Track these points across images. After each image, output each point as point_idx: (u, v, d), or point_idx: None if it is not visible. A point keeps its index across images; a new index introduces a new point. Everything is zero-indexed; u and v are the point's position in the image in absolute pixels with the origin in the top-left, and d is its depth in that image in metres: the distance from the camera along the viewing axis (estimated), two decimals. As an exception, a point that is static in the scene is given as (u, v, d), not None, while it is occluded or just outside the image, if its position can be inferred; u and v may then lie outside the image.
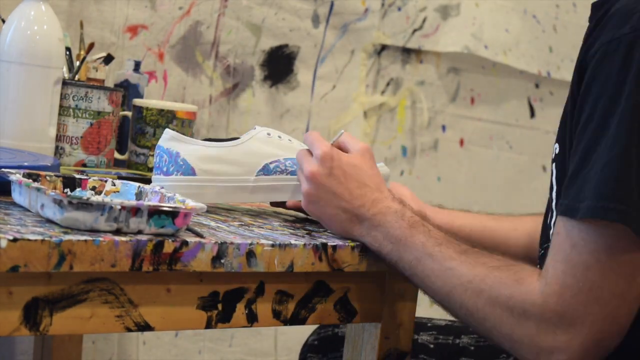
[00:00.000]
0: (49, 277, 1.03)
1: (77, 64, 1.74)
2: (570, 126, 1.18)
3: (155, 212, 1.10)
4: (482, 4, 2.45)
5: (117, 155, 1.72)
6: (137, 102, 1.71)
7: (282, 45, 2.21)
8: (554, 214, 1.24)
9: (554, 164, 1.25)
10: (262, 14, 2.16)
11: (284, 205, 1.42)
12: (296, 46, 2.22)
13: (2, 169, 1.20)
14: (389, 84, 2.38)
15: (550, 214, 1.26)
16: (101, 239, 1.04)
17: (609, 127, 1.08)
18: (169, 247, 1.09)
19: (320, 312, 1.25)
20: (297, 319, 1.24)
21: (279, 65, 2.21)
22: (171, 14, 2.06)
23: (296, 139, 1.40)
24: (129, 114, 1.72)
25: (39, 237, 1.00)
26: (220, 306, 1.17)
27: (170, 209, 1.11)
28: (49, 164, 1.33)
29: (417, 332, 1.49)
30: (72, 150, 1.61)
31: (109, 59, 1.81)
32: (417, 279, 1.22)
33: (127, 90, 1.80)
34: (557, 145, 1.24)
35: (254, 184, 1.35)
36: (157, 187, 1.24)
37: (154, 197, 1.21)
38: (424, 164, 2.45)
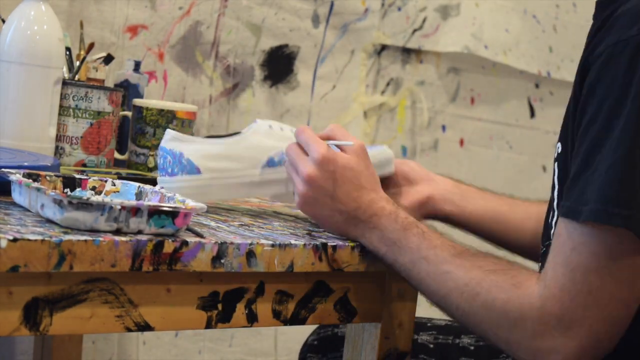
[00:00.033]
0: (49, 277, 1.03)
1: (77, 64, 1.74)
2: (572, 127, 1.17)
3: (155, 212, 1.10)
4: (482, 4, 2.45)
5: (117, 155, 1.72)
6: (137, 102, 1.71)
7: (282, 45, 2.21)
8: (555, 213, 1.24)
9: (556, 163, 1.24)
10: (262, 14, 2.16)
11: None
12: (296, 46, 2.22)
13: (2, 169, 1.20)
14: (389, 84, 2.38)
15: (551, 213, 1.26)
16: (101, 239, 1.04)
17: (614, 129, 1.08)
18: (169, 247, 1.09)
19: (320, 312, 1.25)
20: (297, 319, 1.24)
21: (279, 65, 2.21)
22: (171, 14, 2.05)
23: None
24: (129, 114, 1.72)
25: (39, 237, 1.00)
26: (220, 306, 1.17)
27: (170, 209, 1.10)
28: (49, 164, 1.33)
29: (417, 332, 1.49)
30: (72, 150, 1.61)
31: (109, 59, 1.81)
32: (413, 281, 1.22)
33: (127, 90, 1.80)
34: (559, 144, 1.24)
35: (261, 178, 1.35)
36: (158, 187, 1.24)
37: (154, 197, 1.21)
38: (424, 164, 2.43)
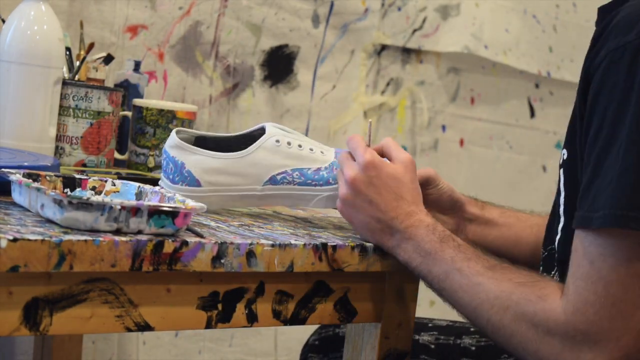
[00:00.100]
0: (49, 277, 1.03)
1: (77, 64, 1.74)
2: (580, 134, 1.17)
3: (155, 212, 1.10)
4: (482, 4, 2.45)
5: (117, 155, 1.72)
6: (137, 102, 1.71)
7: (282, 45, 2.20)
8: (561, 219, 1.24)
9: (562, 170, 1.24)
10: (262, 14, 2.16)
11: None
12: (296, 46, 2.22)
13: (2, 169, 1.20)
14: (389, 84, 2.38)
15: (557, 219, 1.25)
16: (101, 239, 1.04)
17: (619, 136, 1.08)
18: (169, 247, 1.09)
19: (320, 312, 1.25)
20: (297, 319, 1.23)
21: (279, 65, 2.21)
22: (171, 14, 2.05)
23: (307, 139, 1.37)
24: (129, 114, 1.72)
25: (39, 237, 1.00)
26: (220, 306, 1.16)
27: (170, 209, 1.10)
28: (49, 164, 1.33)
29: (418, 332, 1.49)
30: (72, 150, 1.61)
31: (109, 59, 1.81)
32: (445, 293, 1.22)
33: (127, 90, 1.80)
34: (565, 150, 1.23)
35: (261, 193, 1.34)
36: (158, 187, 1.24)
37: (154, 197, 1.21)
38: (424, 164, 2.44)
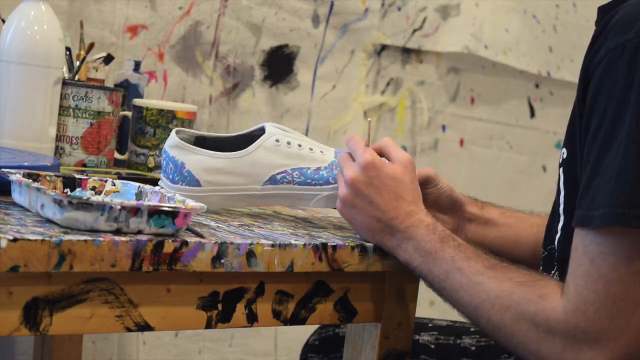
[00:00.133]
0: (49, 277, 1.03)
1: (77, 64, 1.74)
2: (579, 133, 1.17)
3: (155, 212, 1.10)
4: (482, 4, 2.45)
5: (117, 155, 1.72)
6: (137, 102, 1.71)
7: (282, 45, 2.20)
8: (561, 218, 1.24)
9: (562, 169, 1.24)
10: (262, 14, 2.16)
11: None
12: (296, 46, 2.22)
13: (2, 169, 1.20)
14: (389, 84, 2.38)
15: (556, 218, 1.25)
16: (101, 239, 1.04)
17: (619, 134, 1.08)
18: (169, 247, 1.09)
19: (320, 312, 1.25)
20: (297, 319, 1.23)
21: (279, 65, 2.21)
22: (171, 14, 2.05)
23: (307, 139, 1.37)
24: (129, 114, 1.72)
25: (39, 237, 1.00)
26: (220, 306, 1.16)
27: (170, 209, 1.10)
28: (49, 164, 1.33)
29: (418, 332, 1.49)
30: (72, 150, 1.61)
31: (109, 59, 1.81)
32: (446, 293, 1.22)
33: (127, 90, 1.80)
34: (564, 149, 1.23)
35: (261, 193, 1.34)
36: (157, 187, 1.24)
37: (154, 197, 1.21)
38: (424, 164, 2.44)
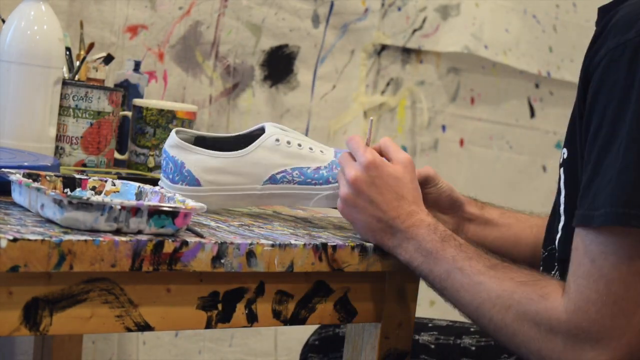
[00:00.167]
0: (49, 277, 1.03)
1: (77, 64, 1.74)
2: (579, 133, 1.17)
3: (155, 212, 1.10)
4: (482, 4, 2.45)
5: (117, 155, 1.72)
6: (137, 102, 1.71)
7: (282, 45, 2.20)
8: (561, 218, 1.23)
9: (562, 169, 1.24)
10: (262, 14, 2.16)
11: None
12: (296, 46, 2.22)
13: (2, 169, 1.20)
14: (389, 84, 2.38)
15: (557, 218, 1.25)
16: (101, 239, 1.04)
17: (619, 134, 1.08)
18: (169, 247, 1.09)
19: (320, 312, 1.25)
20: (297, 319, 1.23)
21: (279, 65, 2.21)
22: (171, 14, 2.05)
23: (307, 139, 1.37)
24: (129, 114, 1.72)
25: (39, 237, 1.00)
26: (220, 306, 1.16)
27: (170, 209, 1.10)
28: (49, 164, 1.33)
29: (418, 332, 1.49)
30: (72, 150, 1.61)
31: (109, 59, 1.81)
32: (447, 293, 1.22)
33: (127, 90, 1.80)
34: (565, 149, 1.23)
35: (261, 192, 1.34)
36: (157, 187, 1.24)
37: (154, 197, 1.21)
38: (424, 164, 2.44)
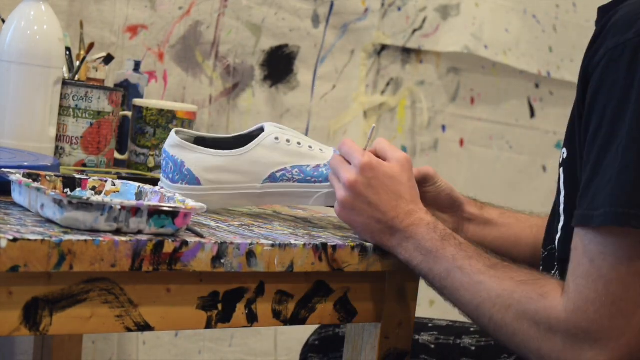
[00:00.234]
0: (49, 277, 1.03)
1: (77, 64, 1.74)
2: (579, 133, 1.17)
3: (155, 212, 1.10)
4: (482, 4, 2.45)
5: (117, 155, 1.72)
6: (137, 102, 1.71)
7: (282, 45, 2.20)
8: (561, 218, 1.23)
9: (562, 169, 1.24)
10: (262, 14, 2.16)
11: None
12: (296, 46, 2.22)
13: (2, 169, 1.20)
14: (389, 84, 2.38)
15: (557, 218, 1.25)
16: (101, 239, 1.04)
17: (619, 134, 1.07)
18: (169, 247, 1.09)
19: (320, 312, 1.25)
20: (297, 319, 1.23)
21: (279, 65, 2.21)
22: (171, 14, 2.05)
23: (306, 138, 1.37)
24: (129, 114, 1.72)
25: (39, 237, 1.00)
26: (220, 306, 1.16)
27: (170, 209, 1.10)
28: (49, 164, 1.33)
29: (418, 332, 1.49)
30: (72, 150, 1.61)
31: (109, 59, 1.81)
32: (446, 292, 1.22)
33: (127, 90, 1.80)
34: (564, 149, 1.23)
35: (261, 191, 1.34)
36: (158, 187, 1.24)
37: (154, 197, 1.21)
38: (424, 164, 2.44)
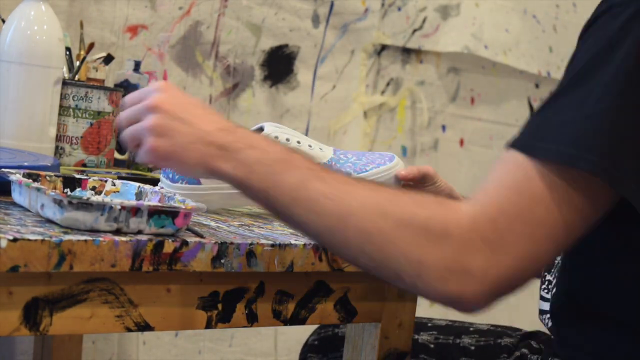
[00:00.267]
0: (49, 277, 1.03)
1: (77, 64, 1.74)
2: None
3: (155, 212, 1.10)
4: (482, 4, 2.45)
5: (117, 155, 1.72)
6: (137, 102, 1.71)
7: (282, 45, 2.21)
8: None
9: None
10: (262, 14, 2.16)
11: None
12: (296, 46, 2.22)
13: (2, 169, 1.20)
14: (389, 84, 2.38)
15: None
16: (101, 239, 1.04)
17: (596, 76, 1.00)
18: (169, 247, 1.09)
19: (320, 312, 1.25)
20: (297, 319, 1.24)
21: (279, 65, 2.21)
22: (171, 14, 2.05)
23: (305, 137, 1.38)
24: (129, 114, 1.72)
25: (39, 237, 1.00)
26: (220, 306, 1.17)
27: (170, 209, 1.10)
28: (49, 164, 1.33)
29: (417, 332, 1.49)
30: (72, 150, 1.61)
31: (109, 59, 1.81)
32: (297, 205, 1.03)
33: (127, 90, 1.80)
34: None
35: None
36: (157, 187, 1.24)
37: (154, 197, 1.21)
38: (424, 164, 2.44)
